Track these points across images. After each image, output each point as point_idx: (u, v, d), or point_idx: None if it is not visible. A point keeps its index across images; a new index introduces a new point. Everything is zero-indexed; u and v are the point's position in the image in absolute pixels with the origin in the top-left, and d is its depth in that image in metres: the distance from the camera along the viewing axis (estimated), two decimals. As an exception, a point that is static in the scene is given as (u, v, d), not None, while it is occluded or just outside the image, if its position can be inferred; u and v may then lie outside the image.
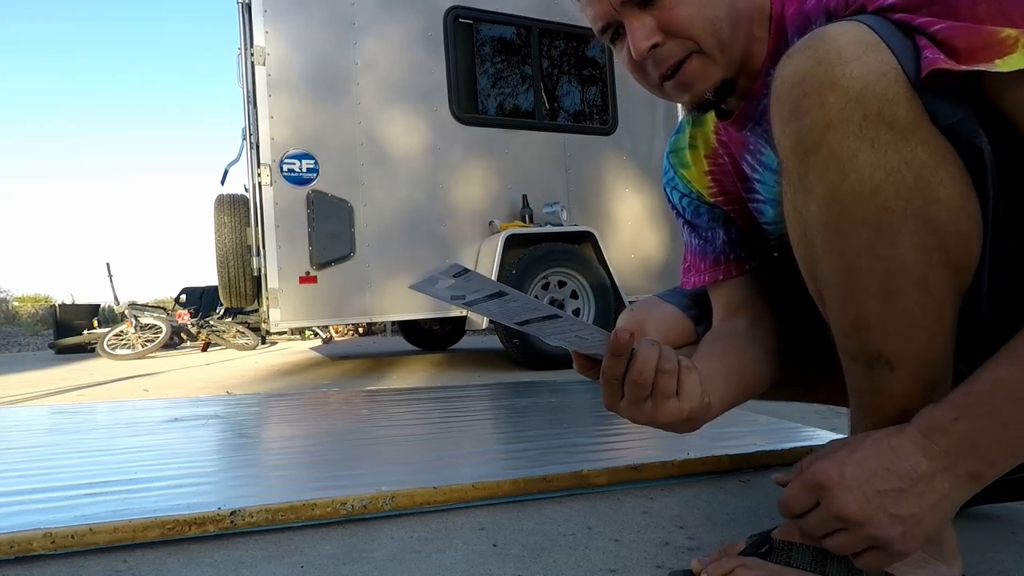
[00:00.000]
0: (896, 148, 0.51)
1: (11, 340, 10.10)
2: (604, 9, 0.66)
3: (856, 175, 0.52)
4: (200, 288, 7.87)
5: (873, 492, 0.51)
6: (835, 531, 0.54)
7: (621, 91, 4.19)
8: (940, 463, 0.51)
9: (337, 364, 4.38)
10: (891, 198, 0.51)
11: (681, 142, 0.88)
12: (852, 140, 0.51)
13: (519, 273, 3.45)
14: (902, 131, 0.50)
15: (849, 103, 0.51)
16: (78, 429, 1.69)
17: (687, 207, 0.90)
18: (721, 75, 0.67)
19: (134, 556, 0.83)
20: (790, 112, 0.54)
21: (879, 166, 0.51)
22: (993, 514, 0.88)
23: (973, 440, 0.50)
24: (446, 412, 1.79)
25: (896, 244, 0.52)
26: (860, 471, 0.52)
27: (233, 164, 4.10)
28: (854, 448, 0.54)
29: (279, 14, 3.38)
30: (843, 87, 0.51)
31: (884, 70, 0.50)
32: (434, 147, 3.69)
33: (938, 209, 0.51)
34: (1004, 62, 0.47)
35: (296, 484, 1.06)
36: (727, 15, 0.64)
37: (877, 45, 0.51)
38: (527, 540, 0.84)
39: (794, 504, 0.56)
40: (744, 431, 1.37)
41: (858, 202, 0.52)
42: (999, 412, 0.49)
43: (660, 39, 0.64)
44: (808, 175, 0.55)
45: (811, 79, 0.52)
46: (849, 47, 0.51)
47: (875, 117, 0.50)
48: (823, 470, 0.53)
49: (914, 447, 0.51)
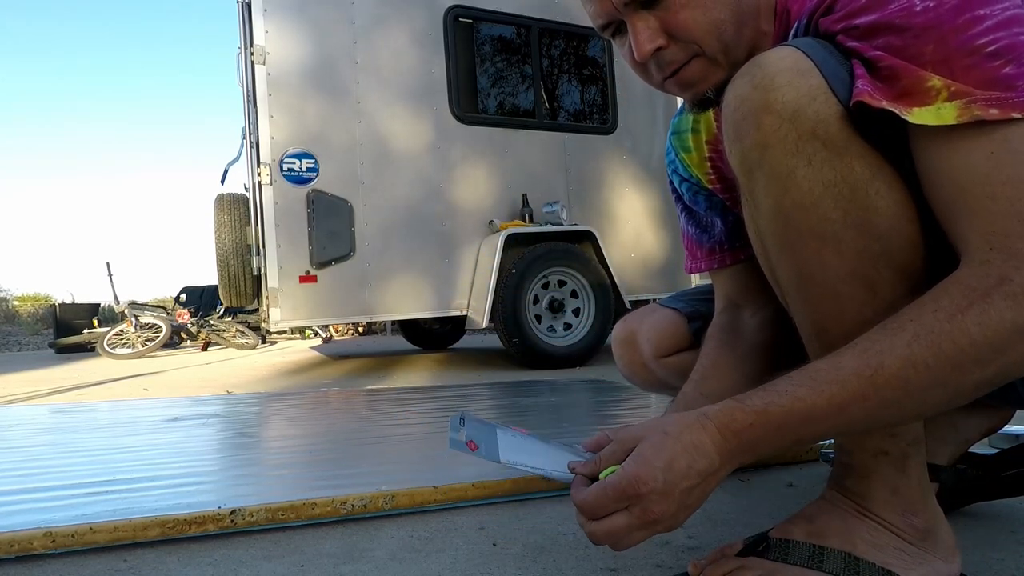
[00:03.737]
0: (831, 164, 0.54)
1: (11, 339, 10.10)
2: (606, 7, 0.66)
3: (796, 190, 0.55)
4: (200, 287, 7.87)
5: (678, 491, 0.53)
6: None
7: (621, 90, 4.19)
8: (728, 459, 0.54)
9: (337, 363, 4.38)
10: (831, 209, 0.54)
11: (684, 124, 0.88)
12: (789, 158, 0.54)
13: (519, 273, 3.45)
14: (836, 148, 0.53)
15: (784, 124, 0.54)
16: (78, 428, 1.69)
17: (686, 191, 0.91)
18: (724, 75, 0.67)
19: (134, 555, 0.83)
20: (733, 134, 0.58)
21: (817, 180, 0.54)
22: (992, 512, 0.88)
23: (757, 444, 0.53)
24: (446, 411, 1.79)
25: (841, 252, 0.55)
26: (673, 476, 0.52)
27: (233, 163, 4.10)
28: (660, 448, 0.53)
29: (279, 13, 3.38)
30: (776, 111, 0.54)
31: (814, 94, 0.53)
32: (434, 146, 3.69)
33: (878, 217, 0.54)
34: (916, 114, 0.49)
35: (296, 483, 1.06)
36: (732, 16, 0.64)
37: (809, 71, 0.54)
38: (527, 539, 0.85)
39: (599, 509, 0.54)
40: (744, 430, 1.37)
41: (801, 214, 0.55)
42: (788, 428, 0.52)
43: (664, 42, 0.64)
44: (755, 190, 0.58)
45: (748, 103, 0.56)
46: (781, 73, 0.54)
47: (809, 136, 0.53)
48: (643, 480, 0.52)
49: (712, 446, 0.53)
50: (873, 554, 0.59)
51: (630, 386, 2.20)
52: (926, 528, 0.61)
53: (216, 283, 3.81)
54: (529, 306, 3.48)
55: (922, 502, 0.61)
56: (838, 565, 0.59)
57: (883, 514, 0.61)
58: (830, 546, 0.60)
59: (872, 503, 0.61)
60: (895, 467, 0.60)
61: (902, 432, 0.60)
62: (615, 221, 4.10)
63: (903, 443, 0.60)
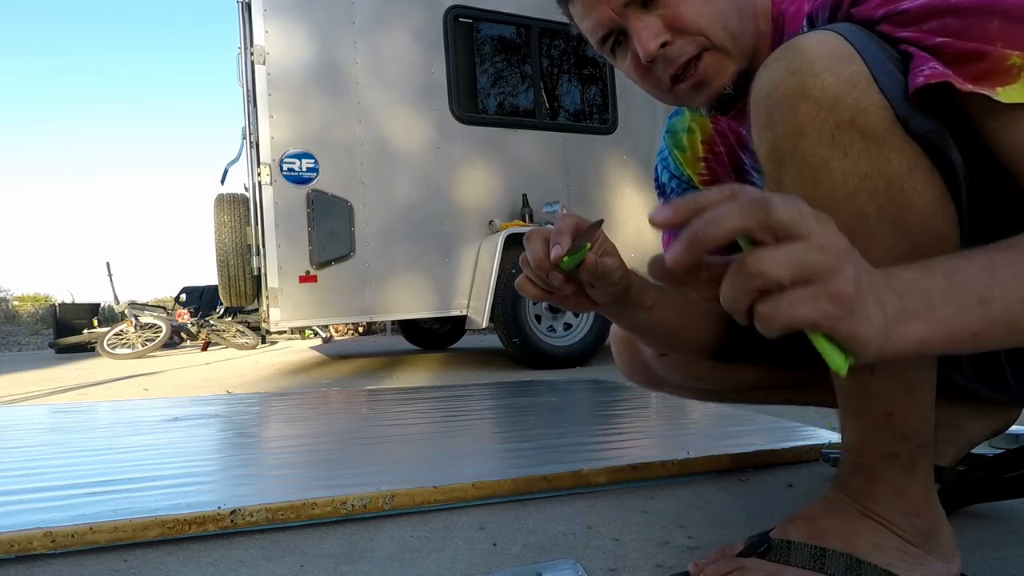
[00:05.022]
0: (868, 156, 0.51)
1: (11, 339, 10.10)
2: (604, 15, 0.65)
3: (829, 182, 0.52)
4: (200, 287, 7.87)
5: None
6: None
7: (621, 90, 4.19)
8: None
9: (337, 363, 4.38)
10: (865, 204, 0.52)
11: (680, 124, 0.87)
12: (824, 148, 0.52)
13: (519, 272, 3.45)
14: (874, 139, 0.51)
15: (821, 112, 0.51)
16: (78, 428, 1.69)
17: (675, 188, 0.90)
18: (737, 67, 0.66)
19: (134, 555, 0.83)
20: (765, 121, 0.55)
21: (852, 173, 0.52)
22: (992, 513, 0.88)
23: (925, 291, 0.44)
24: (446, 411, 1.79)
25: (872, 249, 0.51)
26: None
27: (233, 163, 4.10)
28: None
29: (279, 13, 3.38)
30: (815, 97, 0.51)
31: (855, 81, 0.51)
32: (434, 146, 3.69)
33: (912, 214, 0.52)
34: (1005, 92, 0.47)
35: (296, 483, 1.06)
36: (732, 6, 0.64)
37: (850, 56, 0.51)
38: (527, 539, 0.84)
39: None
40: (744, 430, 1.37)
41: (832, 208, 0.52)
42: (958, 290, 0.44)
43: (669, 37, 0.64)
44: (784, 182, 0.56)
45: (784, 89, 0.53)
46: (821, 59, 0.52)
47: (847, 126, 0.51)
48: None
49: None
50: (875, 555, 0.59)
51: (630, 386, 2.20)
52: (928, 529, 0.61)
53: (216, 283, 3.81)
54: (529, 306, 3.47)
55: (925, 504, 0.61)
56: (840, 567, 0.59)
57: (886, 515, 0.60)
58: (832, 547, 0.60)
59: (876, 504, 0.61)
60: (903, 469, 0.60)
61: (914, 434, 0.59)
62: (615, 221, 4.10)
63: (914, 446, 0.59)
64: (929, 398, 0.58)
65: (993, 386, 0.68)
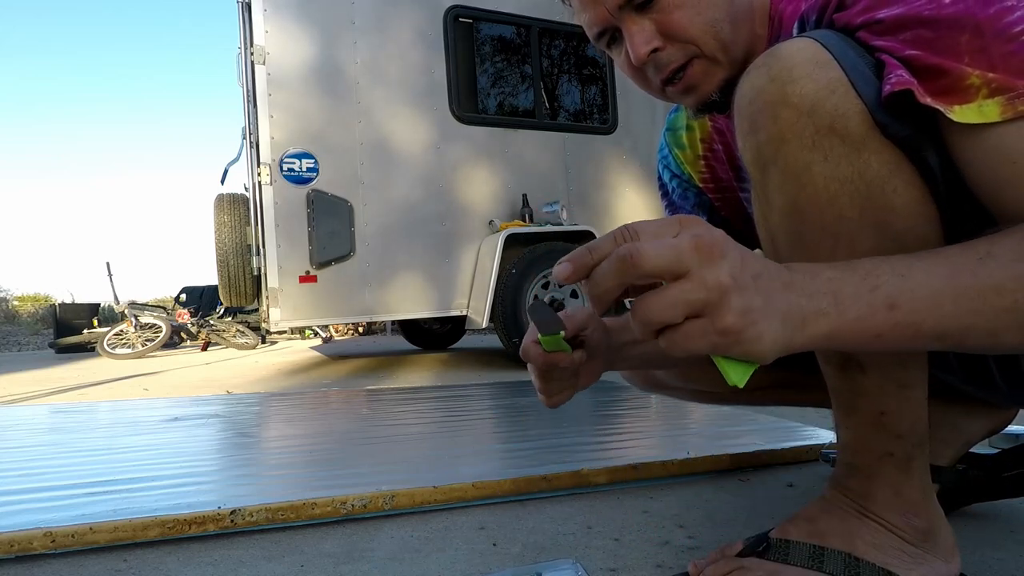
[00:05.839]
0: (849, 160, 0.52)
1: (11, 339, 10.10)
2: (600, 14, 0.66)
3: (812, 186, 0.54)
4: (200, 287, 7.87)
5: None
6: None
7: (621, 90, 4.19)
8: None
9: (337, 363, 4.38)
10: (847, 207, 0.53)
11: (679, 121, 0.88)
12: (806, 153, 0.53)
13: (519, 273, 3.45)
14: (854, 143, 0.52)
15: (801, 118, 0.53)
16: (78, 428, 1.69)
17: (676, 187, 0.90)
18: (725, 75, 0.66)
19: (134, 555, 0.83)
20: (748, 127, 0.56)
21: (833, 177, 0.53)
22: (992, 512, 0.88)
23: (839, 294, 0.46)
24: (446, 411, 1.79)
25: (856, 251, 0.53)
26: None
27: (233, 163, 4.10)
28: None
29: (279, 13, 3.38)
30: (794, 103, 0.53)
31: (834, 87, 0.52)
32: (434, 146, 3.69)
33: (894, 216, 0.53)
34: (960, 111, 0.48)
35: (296, 483, 1.06)
36: (727, 15, 0.64)
37: (828, 63, 0.52)
38: (527, 539, 0.84)
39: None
40: (744, 430, 1.37)
41: (816, 212, 0.54)
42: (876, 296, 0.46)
43: (660, 43, 0.64)
44: (768, 186, 0.57)
45: (765, 96, 0.54)
46: (800, 65, 0.53)
47: (827, 131, 0.52)
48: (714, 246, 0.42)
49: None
50: (873, 555, 0.59)
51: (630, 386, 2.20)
52: (927, 529, 0.61)
53: (216, 283, 3.81)
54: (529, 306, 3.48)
55: (923, 503, 0.61)
56: (838, 566, 0.59)
57: (884, 515, 0.60)
58: (830, 547, 0.60)
59: (874, 504, 0.61)
60: (899, 468, 0.60)
61: (908, 433, 0.59)
62: (615, 221, 4.10)
63: (909, 445, 0.60)
64: (921, 397, 0.59)
65: (983, 387, 0.68)
